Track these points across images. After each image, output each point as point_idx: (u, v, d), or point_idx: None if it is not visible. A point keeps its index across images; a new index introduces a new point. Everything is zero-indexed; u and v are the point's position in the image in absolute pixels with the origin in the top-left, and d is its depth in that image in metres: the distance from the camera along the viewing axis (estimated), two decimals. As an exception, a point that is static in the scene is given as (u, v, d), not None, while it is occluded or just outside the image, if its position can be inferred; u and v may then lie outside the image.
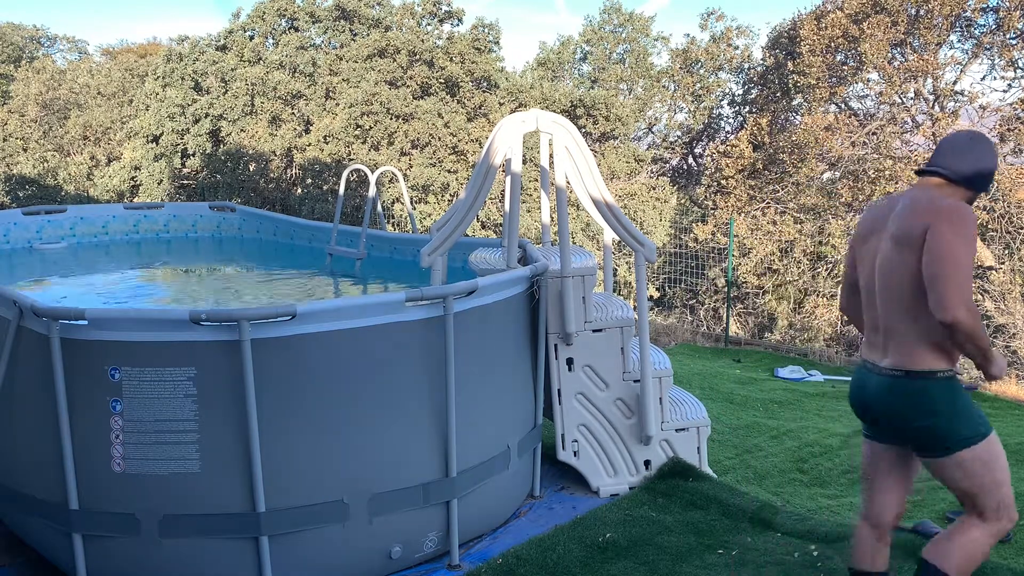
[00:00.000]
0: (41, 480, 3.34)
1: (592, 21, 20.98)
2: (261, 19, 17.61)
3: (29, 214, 7.58)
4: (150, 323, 3.15)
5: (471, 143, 14.73)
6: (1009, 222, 12.62)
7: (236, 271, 7.12)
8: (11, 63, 24.87)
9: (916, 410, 2.64)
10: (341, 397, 3.31)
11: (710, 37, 18.76)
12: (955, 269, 2.49)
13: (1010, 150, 12.67)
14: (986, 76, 13.54)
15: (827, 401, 7.06)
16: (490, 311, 3.77)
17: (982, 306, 12.22)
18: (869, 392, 2.77)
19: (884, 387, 2.70)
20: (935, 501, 4.48)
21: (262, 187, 16.16)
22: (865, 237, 2.85)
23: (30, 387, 3.33)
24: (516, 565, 3.47)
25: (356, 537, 3.38)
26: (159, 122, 17.05)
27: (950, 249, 2.51)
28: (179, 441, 3.16)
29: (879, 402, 2.73)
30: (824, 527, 3.74)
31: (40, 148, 18.87)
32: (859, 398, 2.83)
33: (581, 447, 4.40)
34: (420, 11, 17.38)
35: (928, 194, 2.67)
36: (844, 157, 13.08)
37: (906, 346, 2.66)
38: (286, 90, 16.24)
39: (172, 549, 3.22)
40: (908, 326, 2.65)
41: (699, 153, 19.96)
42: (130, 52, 26.80)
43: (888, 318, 2.71)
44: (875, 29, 12.55)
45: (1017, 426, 6.23)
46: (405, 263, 6.63)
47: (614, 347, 4.39)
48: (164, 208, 8.22)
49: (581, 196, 4.39)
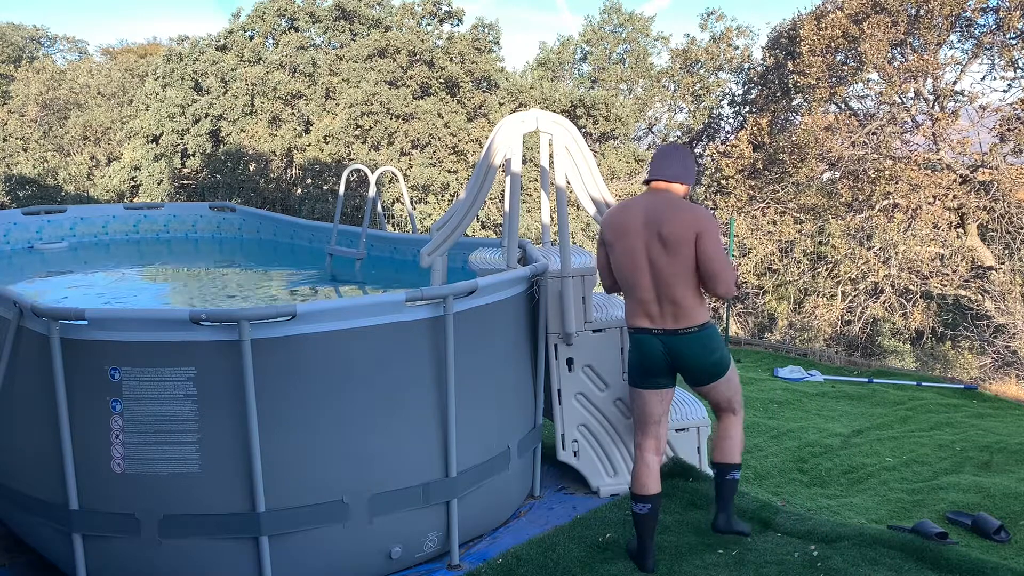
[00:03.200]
0: (41, 480, 3.34)
1: (592, 21, 21.00)
2: (261, 19, 17.61)
3: (29, 214, 7.57)
4: (150, 323, 3.15)
5: (471, 143, 14.73)
6: (1009, 222, 12.63)
7: (236, 271, 7.12)
8: (11, 63, 24.87)
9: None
10: (341, 397, 3.31)
11: (710, 37, 18.78)
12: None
13: (1010, 150, 12.66)
14: (986, 76, 13.56)
15: (827, 401, 7.06)
16: (490, 311, 3.76)
17: (982, 306, 12.23)
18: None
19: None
20: (935, 501, 4.49)
21: (262, 187, 16.17)
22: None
23: (30, 387, 3.33)
24: (516, 565, 3.47)
25: (356, 537, 3.38)
26: (159, 122, 17.05)
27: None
28: (179, 441, 3.16)
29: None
30: (824, 527, 3.74)
31: (40, 148, 18.87)
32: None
33: (581, 447, 4.40)
34: (420, 11, 17.39)
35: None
36: (844, 157, 13.08)
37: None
38: (286, 90, 16.25)
39: (172, 549, 3.22)
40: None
41: (699, 153, 19.96)
42: (130, 52, 26.82)
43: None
44: (875, 29, 12.56)
45: (1017, 426, 6.23)
46: (405, 263, 6.63)
47: (614, 347, 4.39)
48: (164, 208, 8.22)
49: (581, 196, 4.39)
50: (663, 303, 3.45)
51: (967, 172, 13.02)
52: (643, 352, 3.53)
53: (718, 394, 3.60)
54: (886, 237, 12.59)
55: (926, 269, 12.68)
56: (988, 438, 5.71)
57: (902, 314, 13.18)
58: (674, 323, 3.46)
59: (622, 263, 3.52)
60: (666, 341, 3.48)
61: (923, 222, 12.68)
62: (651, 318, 3.49)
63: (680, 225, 3.37)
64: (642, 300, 3.48)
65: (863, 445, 5.61)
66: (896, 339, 13.62)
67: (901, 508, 4.46)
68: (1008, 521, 4.17)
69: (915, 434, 5.91)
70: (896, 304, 13.16)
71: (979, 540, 4.01)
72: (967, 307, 12.88)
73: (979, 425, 6.17)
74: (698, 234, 3.37)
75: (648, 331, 3.49)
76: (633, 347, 3.58)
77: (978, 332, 12.28)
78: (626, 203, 3.59)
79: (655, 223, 3.41)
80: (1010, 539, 4.01)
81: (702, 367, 3.51)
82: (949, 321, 13.53)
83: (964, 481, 4.73)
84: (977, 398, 7.39)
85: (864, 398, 7.15)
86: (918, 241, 12.58)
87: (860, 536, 3.60)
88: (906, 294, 13.16)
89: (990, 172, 12.64)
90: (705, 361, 3.49)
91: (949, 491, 4.59)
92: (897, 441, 5.70)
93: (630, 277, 3.50)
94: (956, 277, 12.58)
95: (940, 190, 12.73)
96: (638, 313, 3.51)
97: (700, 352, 3.47)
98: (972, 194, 12.85)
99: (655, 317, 3.48)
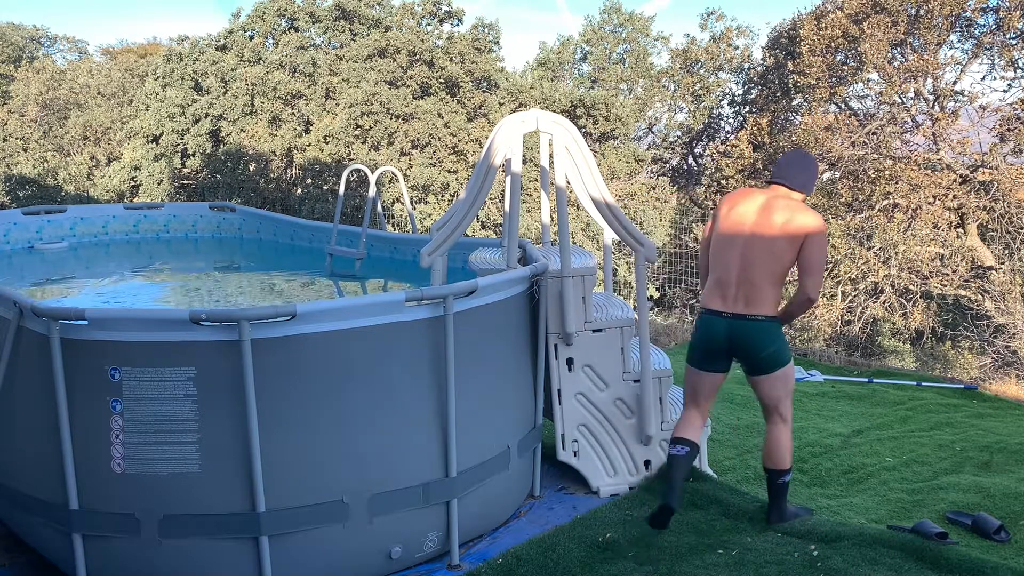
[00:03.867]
0: (41, 480, 3.34)
1: (592, 21, 20.97)
2: (261, 19, 17.60)
3: (29, 214, 7.57)
4: (150, 323, 3.15)
5: (471, 143, 14.73)
6: (1009, 222, 12.62)
7: (236, 271, 7.12)
8: (11, 63, 24.85)
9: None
10: (341, 397, 3.31)
11: (710, 37, 18.76)
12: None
13: (1010, 150, 12.66)
14: (986, 76, 13.53)
15: (827, 401, 7.06)
16: (490, 311, 3.77)
17: (982, 306, 12.22)
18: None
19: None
20: (935, 501, 4.49)
21: (262, 187, 16.16)
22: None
23: (30, 387, 3.33)
24: (516, 565, 3.47)
25: (356, 537, 3.38)
26: (159, 122, 17.04)
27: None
28: (179, 441, 3.16)
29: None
30: (824, 527, 3.74)
31: (40, 148, 18.86)
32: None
33: (581, 447, 4.40)
34: (420, 11, 17.38)
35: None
36: (844, 157, 13.07)
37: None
38: (286, 90, 16.24)
39: (172, 549, 3.22)
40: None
41: (699, 153, 19.96)
42: (130, 52, 26.80)
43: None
44: (875, 29, 12.55)
45: (1017, 426, 6.23)
46: (405, 263, 6.63)
47: (614, 347, 4.39)
48: (164, 208, 8.21)
49: (581, 196, 4.39)
50: (740, 287, 3.71)
51: (967, 172, 13.01)
52: (708, 333, 3.80)
53: (769, 389, 3.78)
54: (886, 237, 12.58)
55: (926, 269, 12.67)
56: (988, 438, 5.71)
57: (902, 314, 13.17)
58: (744, 308, 3.70)
59: (720, 238, 3.80)
60: (732, 324, 3.73)
61: (923, 222, 12.68)
62: (724, 300, 3.74)
63: (796, 223, 3.64)
64: (722, 281, 3.75)
65: (863, 445, 5.61)
66: (896, 339, 13.61)
67: (901, 508, 4.46)
68: (1008, 521, 4.17)
69: (915, 434, 5.91)
70: (896, 304, 13.15)
71: (979, 540, 4.01)
72: (967, 307, 12.88)
73: (979, 425, 6.17)
74: (808, 235, 3.63)
75: (718, 313, 3.76)
76: (699, 328, 3.86)
77: (978, 332, 12.27)
78: (751, 190, 3.88)
79: (771, 213, 3.69)
80: (1010, 539, 4.01)
81: (758, 355, 3.73)
82: (949, 321, 13.53)
83: (964, 481, 4.73)
84: (977, 398, 7.39)
85: (864, 398, 7.15)
86: (918, 241, 12.57)
87: (860, 536, 3.60)
88: (906, 294, 13.16)
89: (990, 172, 12.64)
90: (763, 350, 3.71)
91: (949, 491, 4.59)
92: (897, 441, 5.70)
93: (721, 254, 3.78)
94: (956, 277, 12.57)
95: (940, 190, 12.72)
96: (714, 294, 3.78)
97: (759, 340, 3.70)
98: (972, 194, 12.85)
99: (728, 300, 3.73)
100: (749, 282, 3.68)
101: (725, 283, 3.74)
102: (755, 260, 3.67)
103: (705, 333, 3.81)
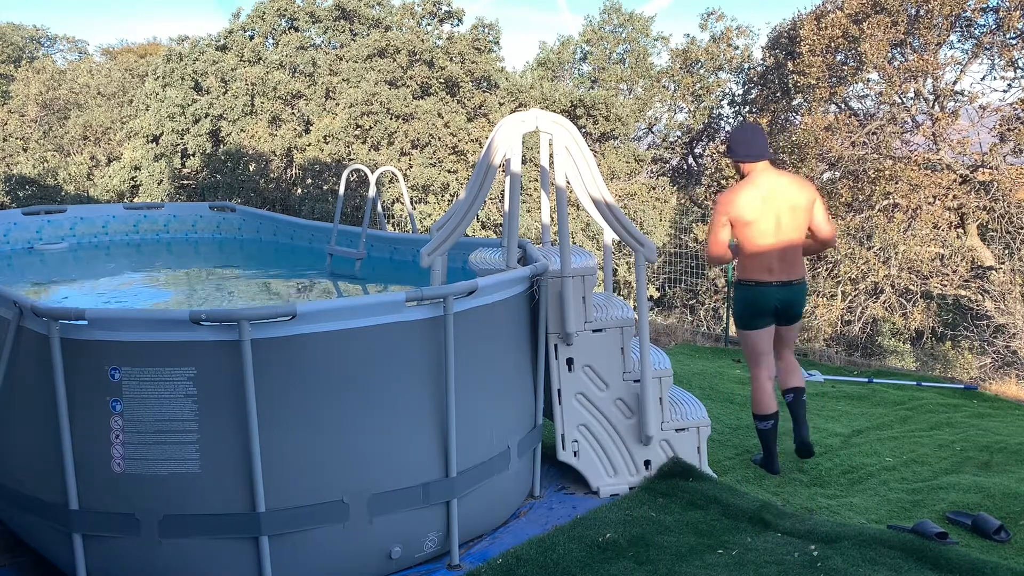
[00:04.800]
0: (41, 480, 3.34)
1: (592, 21, 20.97)
2: (261, 19, 17.60)
3: (29, 214, 7.57)
4: (150, 323, 3.15)
5: (471, 143, 14.73)
6: (1009, 222, 12.62)
7: (236, 271, 7.11)
8: (11, 63, 24.87)
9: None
10: (341, 397, 3.31)
11: (710, 37, 18.74)
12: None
13: (1010, 150, 12.66)
14: (986, 76, 13.53)
15: (827, 401, 7.05)
16: (490, 311, 3.77)
17: (982, 306, 12.22)
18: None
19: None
20: (935, 501, 4.48)
21: (262, 187, 16.16)
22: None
23: (30, 387, 3.33)
24: (516, 565, 3.47)
25: (356, 537, 3.38)
26: (159, 122, 17.05)
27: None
28: (179, 441, 3.16)
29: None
30: (824, 527, 3.74)
31: (40, 148, 18.86)
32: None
33: (581, 447, 4.40)
34: (420, 11, 17.38)
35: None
36: (844, 157, 13.08)
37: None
38: (286, 90, 16.24)
39: (172, 549, 3.22)
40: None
41: (699, 153, 19.95)
42: (130, 52, 26.82)
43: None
44: (875, 29, 12.55)
45: (1017, 426, 6.22)
46: (405, 263, 6.63)
47: (614, 347, 4.39)
48: (164, 208, 8.21)
49: (581, 196, 4.39)
50: (784, 260, 4.57)
51: (967, 172, 13.01)
52: (759, 301, 4.64)
53: (793, 332, 4.85)
54: (886, 237, 12.58)
55: (926, 269, 12.67)
56: (988, 438, 5.71)
57: (902, 314, 13.17)
58: (789, 275, 4.61)
59: (759, 230, 4.53)
60: (782, 290, 4.62)
61: (923, 222, 12.67)
62: (772, 272, 4.58)
63: (804, 196, 4.56)
64: (767, 256, 4.55)
65: (863, 445, 5.60)
66: (896, 339, 13.60)
67: (901, 508, 4.46)
68: (1008, 521, 4.17)
69: (915, 434, 5.91)
70: (896, 304, 13.15)
71: (979, 540, 4.00)
72: (967, 307, 12.87)
73: (979, 425, 6.17)
74: (815, 199, 4.59)
75: (768, 283, 4.60)
76: (747, 297, 4.67)
77: (978, 332, 12.27)
78: (748, 185, 4.56)
79: (785, 194, 4.52)
80: (1010, 539, 4.01)
81: (799, 310, 4.72)
82: (949, 321, 13.52)
83: (964, 481, 4.72)
84: (977, 398, 7.39)
85: (864, 398, 7.14)
86: (918, 241, 12.57)
87: (860, 536, 3.60)
88: (906, 294, 13.15)
89: (990, 172, 12.64)
90: (803, 305, 4.73)
91: (949, 491, 4.59)
92: (897, 441, 5.70)
93: (761, 240, 4.54)
94: (956, 277, 12.57)
95: (940, 190, 12.72)
96: (760, 270, 4.59)
97: (801, 298, 4.69)
98: (972, 194, 12.85)
99: (775, 271, 4.58)
100: (789, 256, 4.55)
101: (771, 258, 4.54)
102: (789, 238, 4.51)
103: (759, 300, 4.62)
